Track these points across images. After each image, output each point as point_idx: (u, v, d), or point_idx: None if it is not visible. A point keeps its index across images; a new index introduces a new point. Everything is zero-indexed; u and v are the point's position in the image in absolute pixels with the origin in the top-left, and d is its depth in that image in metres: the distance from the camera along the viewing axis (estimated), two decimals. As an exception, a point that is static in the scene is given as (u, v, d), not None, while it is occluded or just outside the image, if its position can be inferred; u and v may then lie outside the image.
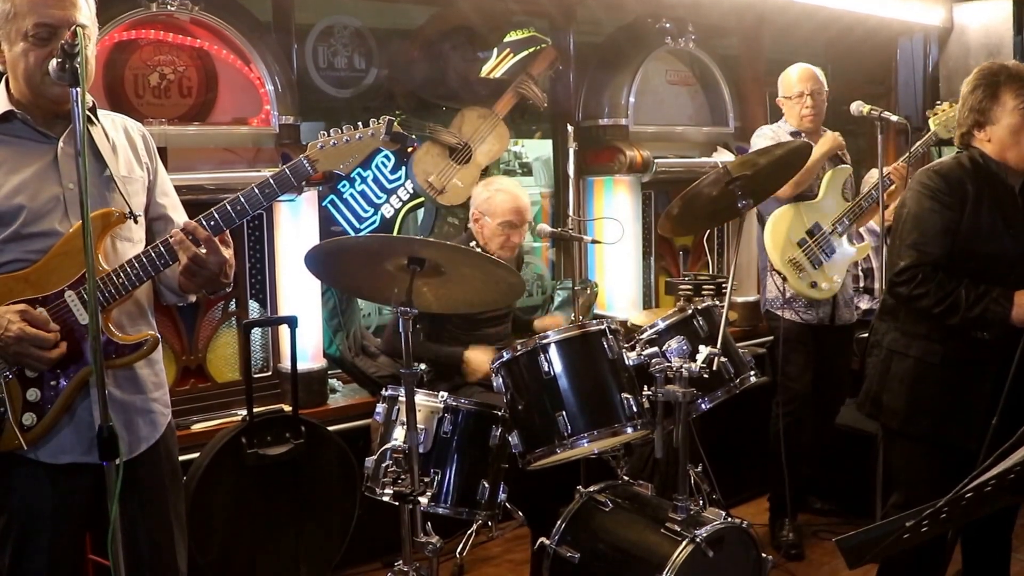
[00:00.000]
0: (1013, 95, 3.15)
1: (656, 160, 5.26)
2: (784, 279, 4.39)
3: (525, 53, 5.62)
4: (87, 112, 2.49)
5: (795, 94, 4.57)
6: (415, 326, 3.67)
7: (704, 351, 3.30)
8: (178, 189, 2.84)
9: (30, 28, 2.35)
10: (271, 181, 2.54)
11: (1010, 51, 6.17)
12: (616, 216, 5.05)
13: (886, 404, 3.33)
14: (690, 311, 3.60)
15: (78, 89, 2.13)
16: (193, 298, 2.79)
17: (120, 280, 2.44)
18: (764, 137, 4.54)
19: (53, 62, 2.23)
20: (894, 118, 4.23)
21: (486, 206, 4.16)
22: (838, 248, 4.45)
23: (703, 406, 3.52)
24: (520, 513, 3.61)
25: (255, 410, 3.76)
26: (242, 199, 2.51)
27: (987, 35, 6.31)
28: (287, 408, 3.94)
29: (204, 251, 2.45)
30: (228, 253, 2.52)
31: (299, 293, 4.24)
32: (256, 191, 2.53)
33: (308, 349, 4.26)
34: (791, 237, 4.41)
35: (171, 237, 2.46)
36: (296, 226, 4.22)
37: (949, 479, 3.06)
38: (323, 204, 4.95)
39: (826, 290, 4.43)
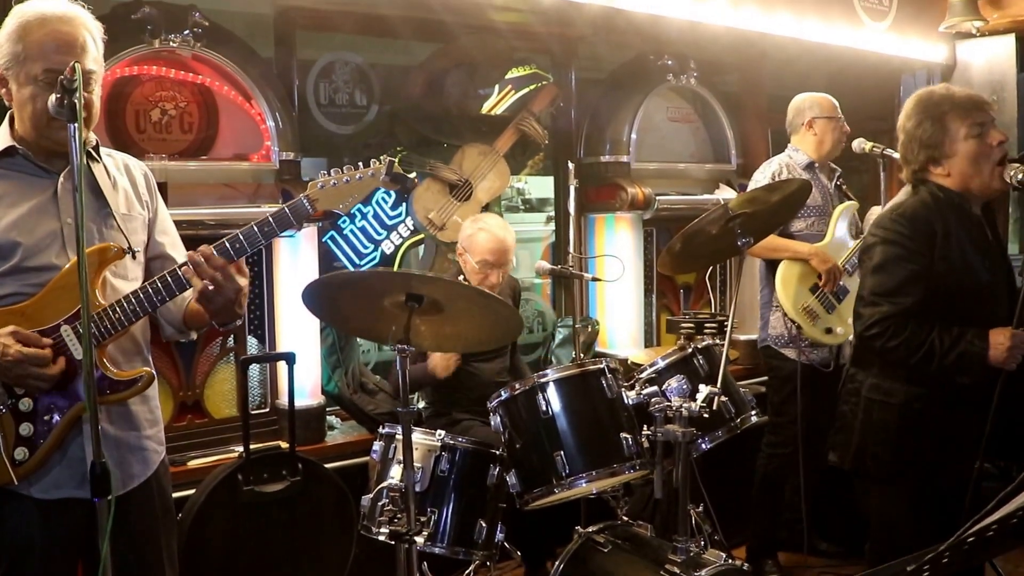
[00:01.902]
0: (962, 122, 3.07)
1: (658, 197, 5.26)
2: (799, 328, 4.33)
3: (527, 90, 5.63)
4: (89, 150, 2.51)
5: (838, 116, 4.50)
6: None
7: (704, 390, 3.27)
8: (178, 224, 2.85)
9: (40, 73, 2.38)
10: (270, 220, 2.54)
11: (1014, 88, 6.17)
12: (617, 253, 5.03)
13: (872, 454, 3.20)
14: (690, 350, 3.58)
15: (75, 124, 2.14)
16: (194, 335, 2.80)
17: (116, 316, 2.43)
18: (766, 175, 4.48)
19: (52, 97, 2.23)
20: (896, 155, 4.21)
21: (468, 243, 4.18)
22: (850, 288, 4.39)
23: (703, 446, 3.49)
24: (518, 553, 3.58)
25: (252, 447, 3.74)
26: (241, 237, 2.51)
27: (991, 72, 6.31)
28: (284, 445, 3.91)
29: (220, 276, 2.46)
30: (243, 282, 2.54)
31: (298, 329, 4.22)
32: (255, 229, 2.53)
33: (306, 386, 4.24)
34: (803, 283, 4.35)
35: (180, 267, 2.48)
36: (295, 262, 4.21)
37: (931, 524, 3.04)
38: (323, 240, 4.94)
39: (841, 334, 4.36)
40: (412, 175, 5.01)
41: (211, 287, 2.47)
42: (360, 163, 2.65)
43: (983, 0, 6.20)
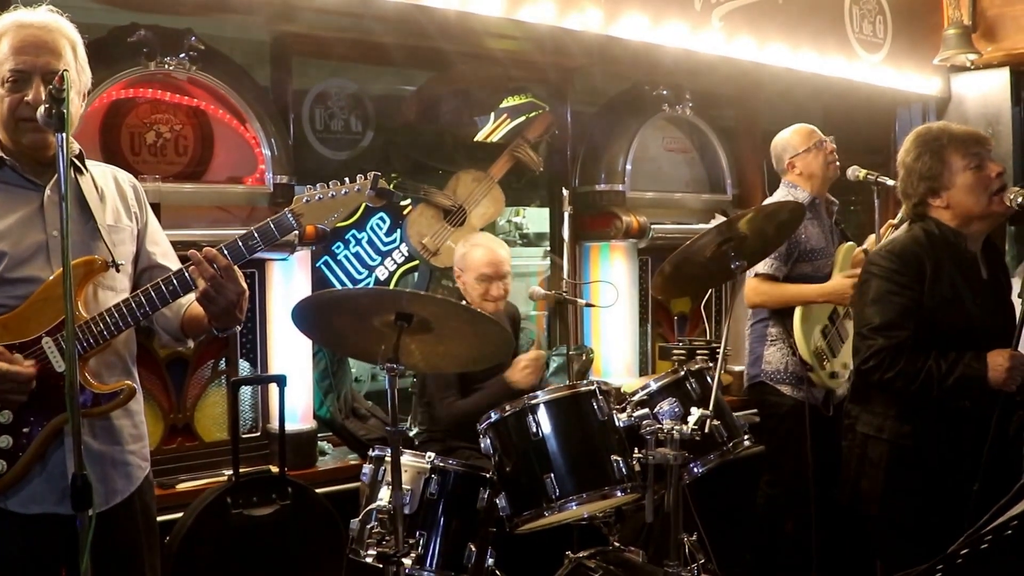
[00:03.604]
0: (960, 155, 3.13)
1: (653, 226, 5.25)
2: (811, 370, 4.30)
3: (522, 118, 5.64)
4: (74, 160, 2.50)
5: (814, 143, 4.43)
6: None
7: (696, 413, 3.24)
8: (172, 245, 2.83)
9: (7, 74, 2.38)
10: (254, 233, 2.53)
11: (1008, 121, 6.18)
12: (612, 282, 5.01)
13: (865, 490, 3.23)
14: (683, 373, 3.55)
15: (63, 135, 2.13)
16: (191, 343, 2.79)
17: (98, 328, 2.41)
18: None
19: (41, 108, 2.22)
20: (891, 182, 4.19)
21: (463, 262, 4.19)
22: (850, 331, 4.35)
23: (696, 470, 3.44)
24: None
25: (241, 470, 3.71)
26: (224, 251, 2.49)
27: (985, 105, 6.32)
28: (274, 469, 3.88)
29: (223, 277, 2.44)
30: (244, 284, 2.51)
31: (290, 353, 4.21)
32: (239, 243, 2.52)
33: (298, 410, 4.21)
34: (816, 325, 4.33)
35: (188, 267, 2.46)
36: (288, 286, 4.20)
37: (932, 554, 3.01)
38: (317, 265, 4.93)
39: (842, 380, 4.33)
40: (407, 201, 5.01)
41: (213, 289, 2.44)
42: (346, 178, 2.64)
43: (977, 34, 6.23)
